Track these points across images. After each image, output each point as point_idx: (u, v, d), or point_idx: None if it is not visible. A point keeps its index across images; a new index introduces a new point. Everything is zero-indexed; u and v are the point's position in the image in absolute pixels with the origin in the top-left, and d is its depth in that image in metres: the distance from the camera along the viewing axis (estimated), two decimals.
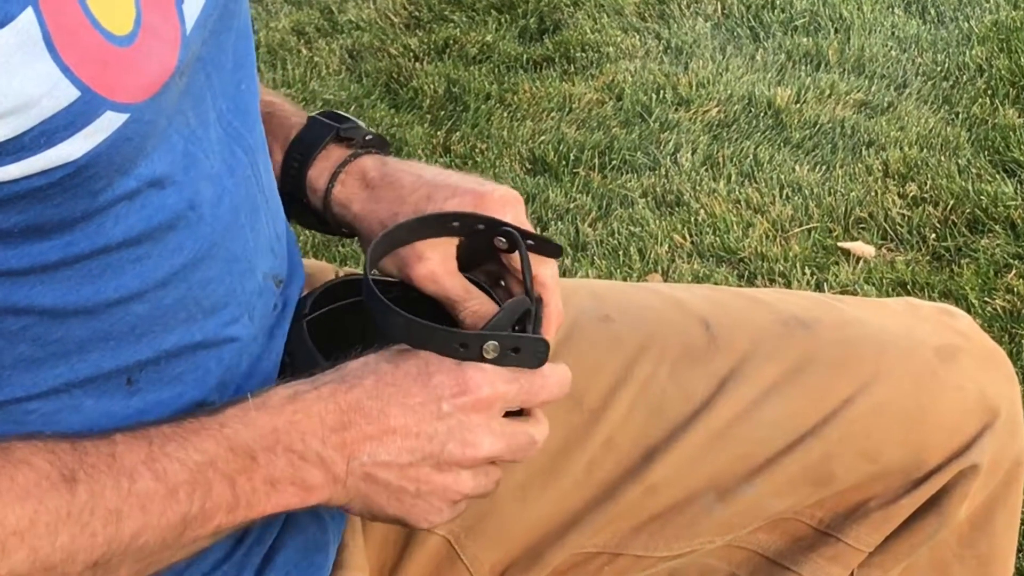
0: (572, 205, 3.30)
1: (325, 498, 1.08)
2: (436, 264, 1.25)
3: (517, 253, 1.23)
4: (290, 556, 1.23)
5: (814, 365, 1.38)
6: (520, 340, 1.15)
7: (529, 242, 1.23)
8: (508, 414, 1.15)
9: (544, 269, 1.24)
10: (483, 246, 1.26)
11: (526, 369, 1.14)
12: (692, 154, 3.47)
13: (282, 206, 1.26)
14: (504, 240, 1.24)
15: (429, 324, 1.13)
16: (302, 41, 4.15)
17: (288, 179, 1.33)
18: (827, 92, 3.73)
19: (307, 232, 3.05)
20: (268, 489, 1.05)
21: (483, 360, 1.12)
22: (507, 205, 1.26)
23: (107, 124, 0.95)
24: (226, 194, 1.10)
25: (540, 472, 1.36)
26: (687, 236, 3.17)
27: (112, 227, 1.00)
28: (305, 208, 1.34)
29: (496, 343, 1.13)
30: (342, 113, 1.36)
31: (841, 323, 1.42)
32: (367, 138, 1.34)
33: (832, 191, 3.32)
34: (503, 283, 1.28)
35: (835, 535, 1.41)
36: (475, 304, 1.24)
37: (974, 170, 3.34)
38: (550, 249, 1.25)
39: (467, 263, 1.28)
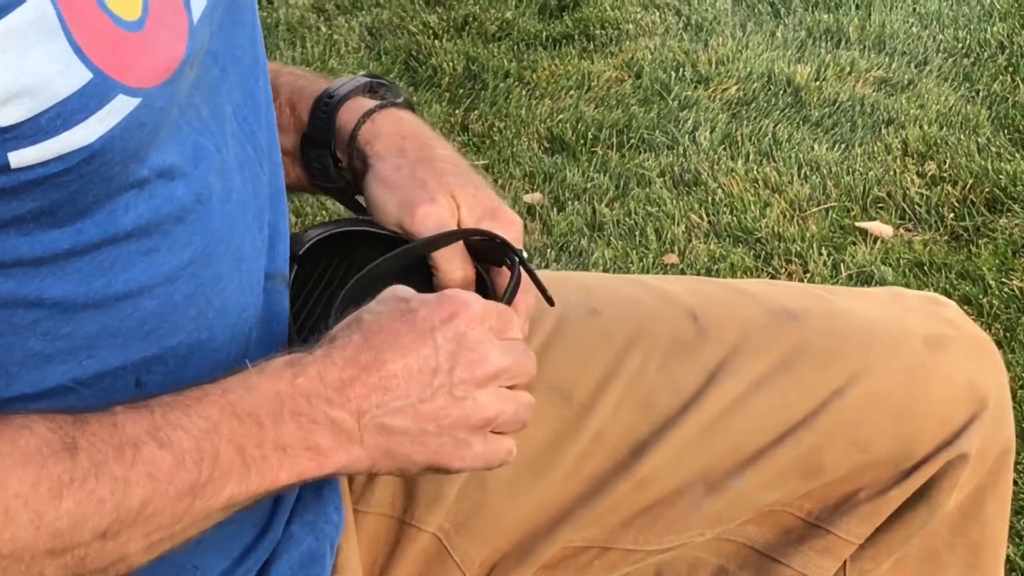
0: (589, 184, 3.29)
1: (344, 462, 1.05)
2: (443, 209, 1.25)
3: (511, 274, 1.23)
4: (284, 572, 1.22)
5: (803, 356, 1.38)
6: None
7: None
8: None
9: (528, 299, 1.25)
10: (489, 257, 1.27)
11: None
12: (710, 133, 3.46)
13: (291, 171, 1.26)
14: (508, 262, 1.25)
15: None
16: (321, 18, 4.14)
17: (317, 122, 1.34)
18: (847, 69, 3.71)
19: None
20: (280, 456, 1.02)
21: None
22: (514, 226, 1.27)
23: (120, 108, 0.95)
24: (235, 191, 1.10)
25: (530, 467, 1.36)
26: (704, 216, 3.16)
27: (122, 216, 1.00)
28: (321, 159, 1.35)
29: None
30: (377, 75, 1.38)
31: (829, 314, 1.42)
32: (398, 99, 1.36)
33: (850, 170, 3.30)
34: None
35: (825, 527, 1.40)
36: (457, 272, 1.25)
37: (994, 148, 3.32)
38: (546, 297, 1.26)
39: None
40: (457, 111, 3.61)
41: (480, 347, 1.07)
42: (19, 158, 0.92)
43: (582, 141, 3.44)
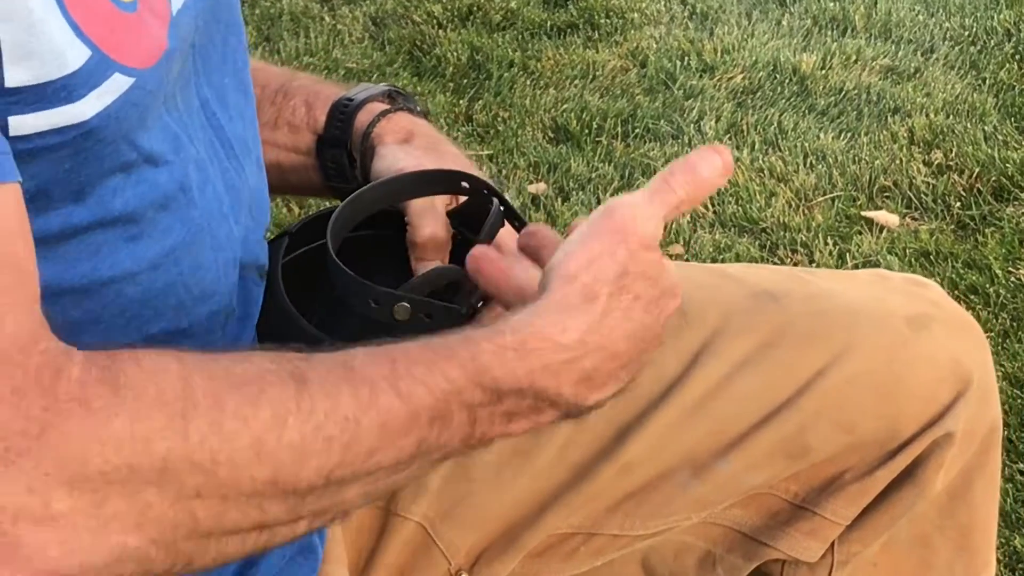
0: (594, 174, 3.27)
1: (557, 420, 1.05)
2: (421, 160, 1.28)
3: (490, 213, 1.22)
4: (275, 563, 1.21)
5: (786, 338, 1.38)
6: (432, 306, 1.12)
7: (516, 223, 1.23)
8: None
9: (506, 236, 1.23)
10: (472, 216, 1.26)
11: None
12: (716, 122, 3.44)
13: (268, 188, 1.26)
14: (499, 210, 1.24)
15: (349, 273, 1.12)
16: (325, 8, 4.13)
17: (335, 123, 1.35)
18: (853, 58, 3.69)
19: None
20: (504, 421, 1.01)
21: (394, 321, 1.10)
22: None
23: (116, 86, 0.95)
24: (209, 182, 1.10)
25: (514, 455, 1.35)
26: (709, 206, 3.14)
27: (111, 200, 1.00)
28: (336, 158, 1.36)
29: (407, 306, 1.11)
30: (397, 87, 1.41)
31: (811, 295, 1.41)
32: (415, 108, 1.39)
33: (856, 159, 3.28)
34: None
35: (811, 509, 1.40)
36: (427, 228, 1.25)
37: (1000, 137, 3.30)
38: (520, 225, 1.24)
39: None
40: (461, 101, 3.60)
41: (654, 267, 1.06)
42: (18, 123, 0.91)
43: (587, 131, 3.42)
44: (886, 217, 3.09)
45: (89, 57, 0.93)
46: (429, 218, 1.26)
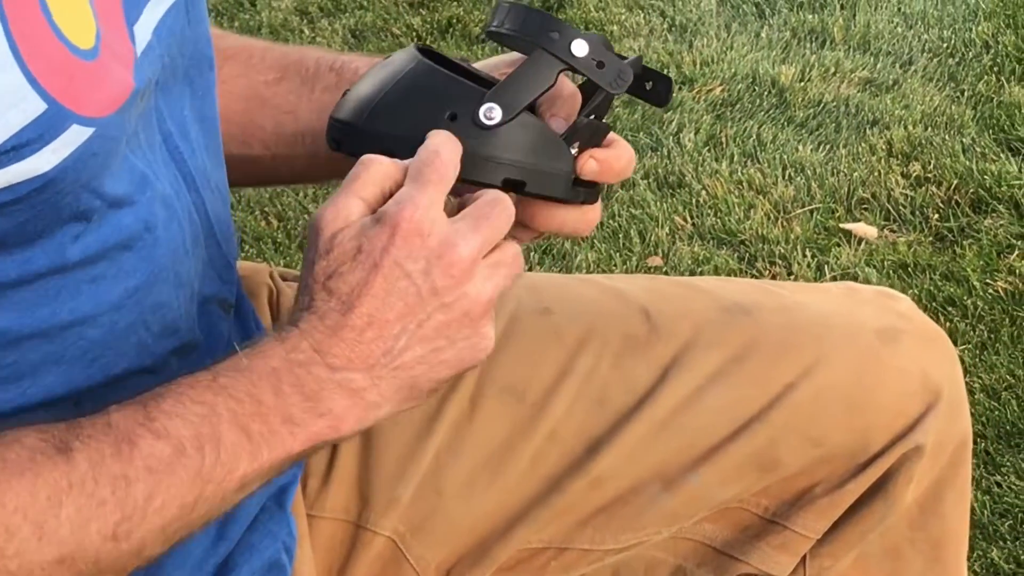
0: None
1: (363, 418, 1.03)
2: None
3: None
4: None
5: (756, 351, 1.37)
6: (607, 55, 1.12)
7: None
8: None
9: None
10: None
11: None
12: (695, 134, 3.44)
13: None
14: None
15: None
16: (304, 21, 4.12)
17: None
18: (832, 70, 3.69)
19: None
20: (289, 427, 1.00)
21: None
22: None
23: (73, 138, 0.94)
24: (174, 218, 1.09)
25: (485, 468, 1.35)
26: (688, 218, 3.14)
27: (71, 246, 0.99)
28: None
29: (586, 43, 1.11)
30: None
31: (782, 308, 1.41)
32: None
33: (835, 171, 3.29)
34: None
35: (781, 523, 1.40)
36: (571, 86, 1.20)
37: (978, 149, 3.31)
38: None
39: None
40: None
41: (443, 246, 1.02)
42: None
43: None
44: (864, 229, 3.09)
45: (44, 111, 0.91)
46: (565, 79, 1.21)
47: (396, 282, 1.01)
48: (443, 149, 1.05)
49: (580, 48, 1.11)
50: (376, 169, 1.05)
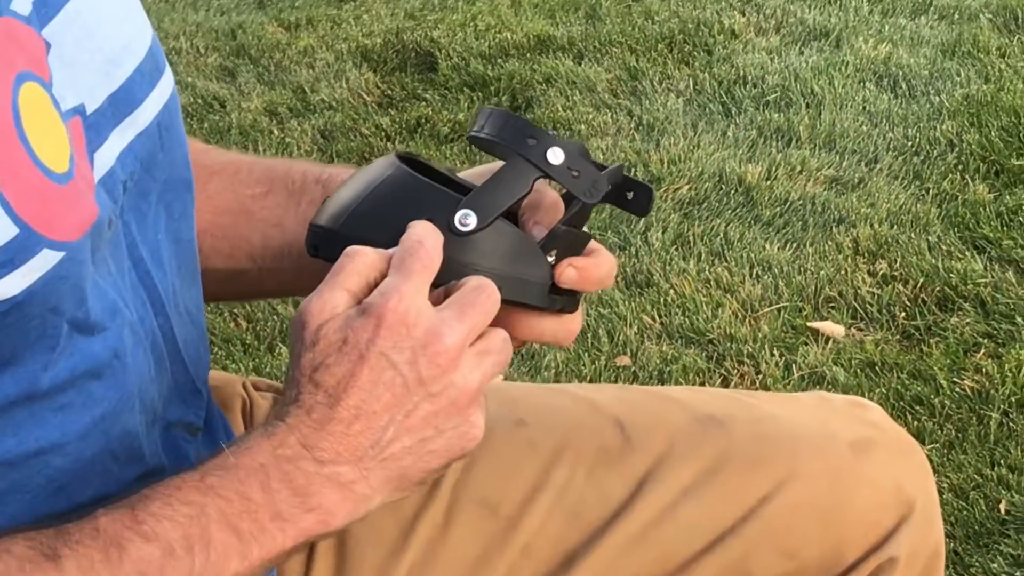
0: None
1: (353, 511, 1.03)
2: None
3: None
4: None
5: (730, 464, 1.37)
6: (583, 164, 1.13)
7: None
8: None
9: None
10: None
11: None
12: (663, 233, 3.45)
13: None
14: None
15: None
16: (274, 121, 4.14)
17: None
18: (798, 168, 3.72)
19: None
20: (279, 523, 1.00)
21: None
22: None
23: (43, 263, 0.94)
24: (140, 344, 1.09)
25: None
26: (656, 317, 3.15)
27: (41, 374, 0.99)
28: None
29: (561, 151, 1.12)
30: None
31: (755, 419, 1.41)
32: None
33: (802, 269, 3.30)
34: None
35: None
36: (552, 194, 1.22)
37: (944, 247, 3.33)
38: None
39: None
40: None
41: (428, 336, 1.02)
42: None
43: None
44: (831, 328, 3.11)
45: (15, 235, 0.91)
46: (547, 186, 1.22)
47: (382, 373, 1.02)
48: (426, 238, 1.06)
49: (556, 156, 1.13)
50: (360, 260, 1.05)
